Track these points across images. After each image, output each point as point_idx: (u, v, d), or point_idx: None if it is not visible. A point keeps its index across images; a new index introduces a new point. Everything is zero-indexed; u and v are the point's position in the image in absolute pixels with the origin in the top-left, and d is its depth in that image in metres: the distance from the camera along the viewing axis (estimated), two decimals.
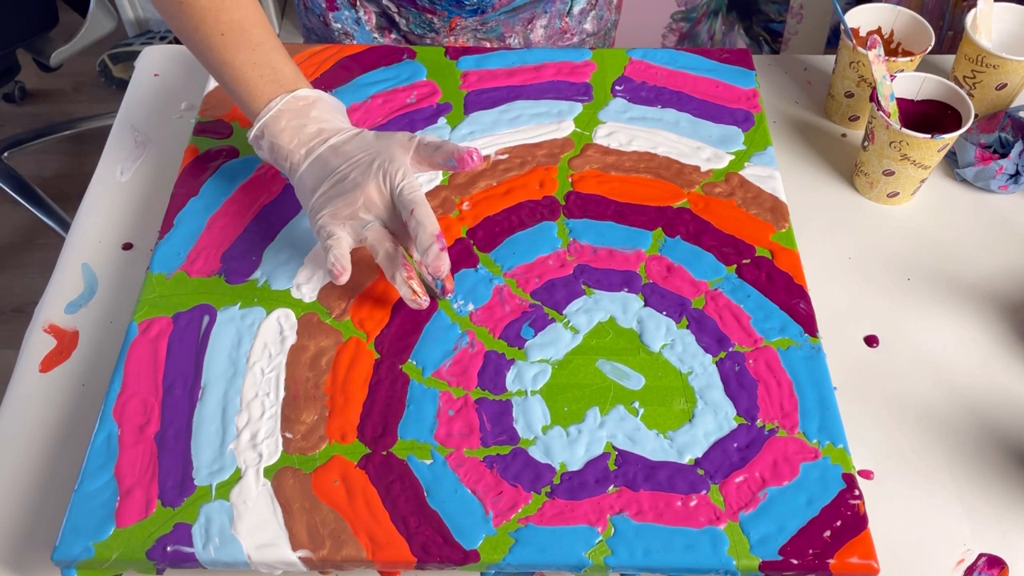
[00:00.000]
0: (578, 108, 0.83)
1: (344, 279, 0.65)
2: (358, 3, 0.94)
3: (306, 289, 0.71)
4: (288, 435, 0.63)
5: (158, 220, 0.78)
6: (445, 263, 0.65)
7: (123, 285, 0.75)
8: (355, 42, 0.96)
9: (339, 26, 0.96)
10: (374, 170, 0.67)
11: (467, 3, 0.91)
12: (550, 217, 0.75)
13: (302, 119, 0.70)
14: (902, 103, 0.80)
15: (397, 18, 0.94)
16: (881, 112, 0.76)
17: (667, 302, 0.70)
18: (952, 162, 0.84)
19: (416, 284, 0.66)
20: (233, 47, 0.70)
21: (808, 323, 0.69)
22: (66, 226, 1.73)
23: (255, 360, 0.67)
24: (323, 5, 0.95)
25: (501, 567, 0.58)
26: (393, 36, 0.97)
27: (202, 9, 0.70)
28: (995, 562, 0.61)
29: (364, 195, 0.67)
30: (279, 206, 0.76)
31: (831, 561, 0.57)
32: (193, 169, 0.78)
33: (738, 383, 0.66)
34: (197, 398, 0.65)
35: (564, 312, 0.70)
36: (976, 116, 0.85)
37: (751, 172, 0.78)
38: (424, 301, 0.66)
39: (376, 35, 0.96)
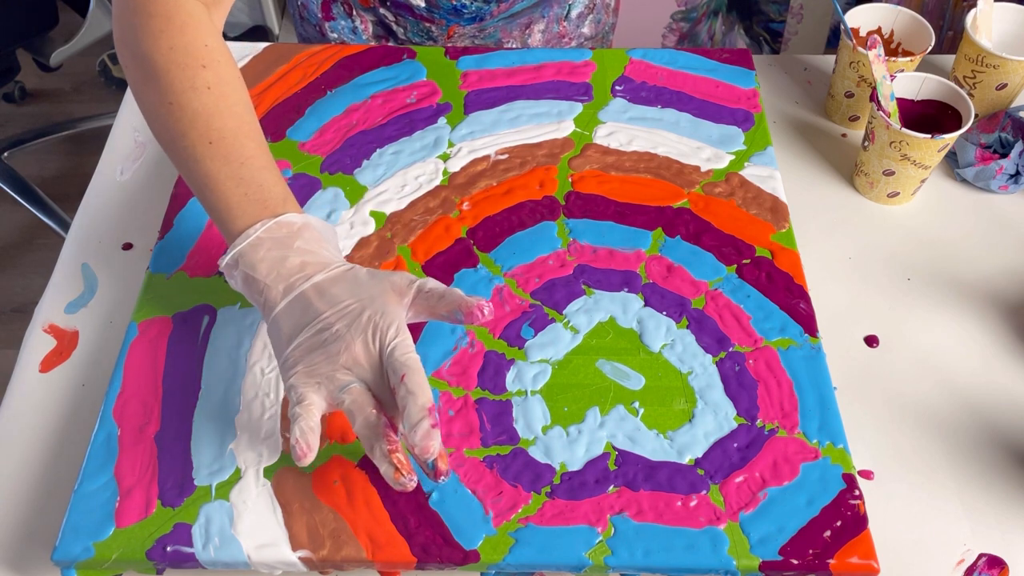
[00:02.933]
0: (578, 108, 0.83)
1: (307, 461, 0.56)
2: (354, 13, 0.94)
3: None
4: (288, 435, 0.63)
5: (158, 220, 0.78)
6: (435, 443, 0.55)
7: (123, 285, 0.75)
8: None
9: (336, 36, 0.96)
10: (363, 323, 0.58)
11: (465, 11, 0.91)
12: (550, 217, 0.75)
13: (284, 250, 0.61)
14: (902, 103, 0.80)
15: (394, 27, 0.94)
16: (881, 112, 0.76)
17: (667, 302, 0.70)
18: (952, 162, 0.84)
19: (401, 457, 0.56)
20: (220, 158, 0.62)
21: (808, 323, 0.69)
22: (66, 226, 1.73)
23: (255, 360, 0.67)
24: (319, 15, 0.95)
25: (501, 567, 0.58)
26: (390, 45, 0.96)
27: (193, 112, 0.62)
28: (995, 562, 0.61)
29: (348, 352, 0.57)
30: None
31: (831, 561, 0.57)
32: None
33: (738, 383, 0.66)
34: (197, 398, 0.65)
35: (564, 312, 0.70)
36: (976, 116, 0.85)
37: (751, 172, 0.78)
38: (410, 481, 0.56)
39: (373, 44, 0.96)
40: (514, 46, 0.97)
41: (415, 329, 0.68)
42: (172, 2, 0.64)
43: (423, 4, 0.90)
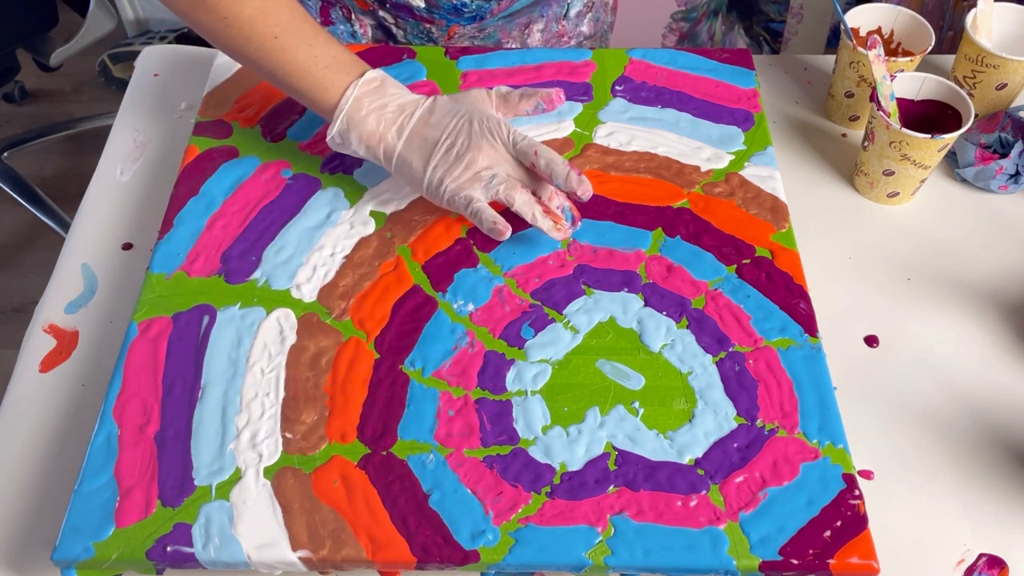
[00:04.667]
0: (578, 108, 0.83)
1: (508, 234, 0.69)
2: (353, 17, 0.94)
3: (306, 289, 0.71)
4: (288, 435, 0.63)
5: (158, 220, 0.78)
6: (588, 184, 0.69)
7: (123, 285, 0.75)
8: None
9: None
10: (478, 130, 0.69)
11: (466, 11, 0.90)
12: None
13: (382, 98, 0.70)
14: (902, 103, 0.80)
15: (394, 29, 0.94)
16: (881, 112, 0.76)
17: (667, 302, 0.70)
18: (952, 162, 0.84)
19: (558, 213, 0.71)
20: (291, 47, 0.70)
21: (808, 323, 0.69)
22: (66, 226, 1.73)
23: (255, 360, 0.67)
24: (318, 20, 0.95)
25: (501, 567, 0.58)
26: (390, 45, 0.96)
27: (249, 19, 0.69)
28: (995, 562, 0.61)
29: (482, 155, 0.69)
30: (279, 206, 0.76)
31: (831, 561, 0.57)
32: (193, 169, 0.78)
33: (738, 383, 0.66)
34: (197, 398, 0.65)
35: (564, 312, 0.70)
36: (976, 116, 0.85)
37: (751, 172, 0.78)
38: (569, 228, 0.71)
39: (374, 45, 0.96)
40: (514, 46, 0.97)
41: (413, 331, 0.68)
42: None
43: (423, 4, 0.90)
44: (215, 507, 0.60)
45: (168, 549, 0.58)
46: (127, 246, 0.78)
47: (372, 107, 0.70)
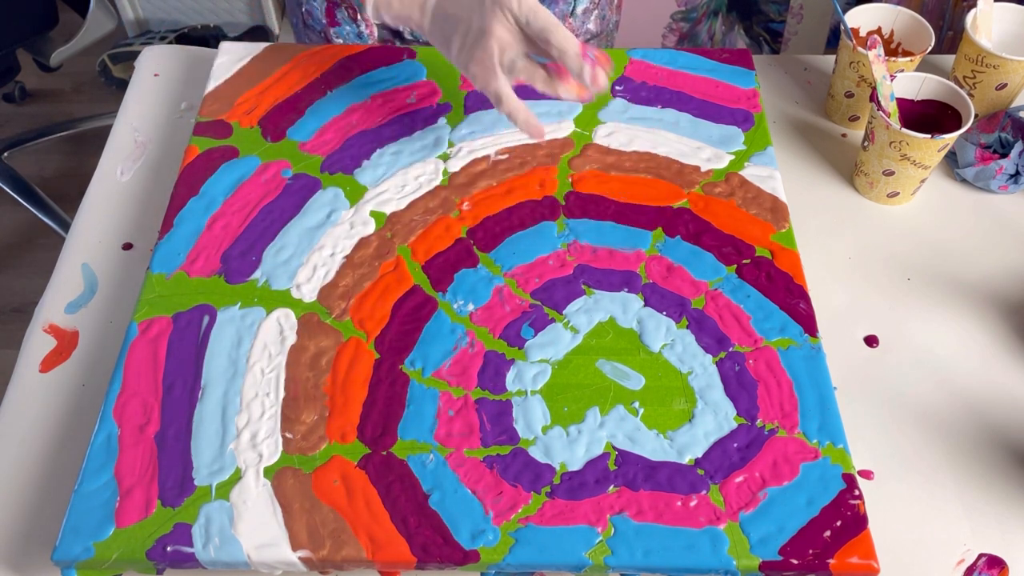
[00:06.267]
0: (578, 108, 0.83)
1: (544, 134, 0.72)
2: (360, 18, 0.94)
3: (306, 289, 0.71)
4: (288, 435, 0.63)
5: (158, 220, 0.78)
6: (601, 76, 0.70)
7: (123, 285, 0.75)
8: None
9: (341, 41, 0.96)
10: (489, 7, 0.69)
11: None
12: (550, 217, 0.75)
13: None
14: (902, 103, 0.80)
15: (401, 28, 0.94)
16: (881, 112, 0.76)
17: (667, 302, 0.70)
18: (952, 162, 0.84)
19: (581, 79, 0.71)
20: None
21: (808, 323, 0.69)
22: (66, 226, 1.73)
23: (255, 360, 0.67)
24: (324, 21, 0.95)
25: (501, 567, 0.58)
26: (390, 45, 0.96)
27: None
28: (995, 562, 0.61)
29: (495, 38, 0.69)
30: (279, 206, 0.76)
31: (831, 561, 0.58)
32: (193, 169, 0.78)
33: (738, 383, 0.66)
34: (197, 398, 0.65)
35: (564, 312, 0.70)
36: (976, 116, 0.85)
37: (751, 172, 0.78)
38: (589, 99, 0.73)
39: (376, 44, 0.96)
40: None
41: (413, 331, 0.68)
42: None
43: None
44: (215, 507, 0.60)
45: (168, 549, 0.58)
46: (127, 246, 0.78)
47: None
